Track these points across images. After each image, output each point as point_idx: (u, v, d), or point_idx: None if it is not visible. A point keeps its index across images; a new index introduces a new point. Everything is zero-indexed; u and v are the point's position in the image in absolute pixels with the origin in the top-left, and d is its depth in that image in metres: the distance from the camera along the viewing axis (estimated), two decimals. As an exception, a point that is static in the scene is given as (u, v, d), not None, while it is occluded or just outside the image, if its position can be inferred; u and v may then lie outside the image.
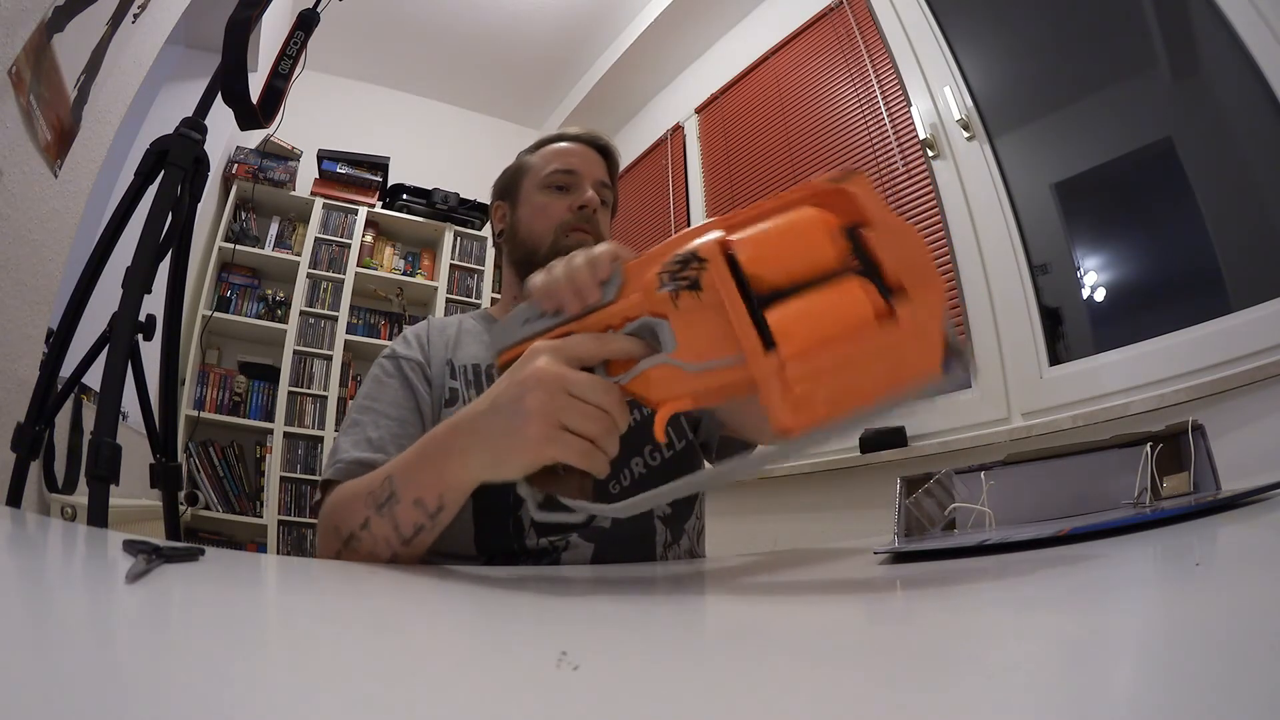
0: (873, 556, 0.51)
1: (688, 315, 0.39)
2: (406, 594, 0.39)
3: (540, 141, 0.90)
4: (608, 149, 0.90)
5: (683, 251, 0.40)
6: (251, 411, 2.79)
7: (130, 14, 1.46)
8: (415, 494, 0.50)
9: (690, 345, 0.39)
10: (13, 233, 1.17)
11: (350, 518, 0.54)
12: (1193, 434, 0.53)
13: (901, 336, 0.36)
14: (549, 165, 0.85)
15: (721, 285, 0.37)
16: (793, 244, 0.38)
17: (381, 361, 0.76)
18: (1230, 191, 1.38)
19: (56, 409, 1.06)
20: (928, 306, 0.37)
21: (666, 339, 0.40)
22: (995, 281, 1.68)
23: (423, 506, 0.50)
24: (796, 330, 0.35)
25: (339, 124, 3.39)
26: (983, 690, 0.16)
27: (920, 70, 1.94)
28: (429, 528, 0.51)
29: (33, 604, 0.26)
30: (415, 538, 0.51)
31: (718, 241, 0.39)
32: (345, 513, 0.55)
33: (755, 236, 0.39)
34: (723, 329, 0.37)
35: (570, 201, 0.82)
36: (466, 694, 0.18)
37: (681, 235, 0.41)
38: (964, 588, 0.35)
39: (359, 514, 0.53)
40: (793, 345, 0.35)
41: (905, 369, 0.37)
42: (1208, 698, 0.14)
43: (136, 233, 1.05)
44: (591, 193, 0.83)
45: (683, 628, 0.29)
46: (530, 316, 0.47)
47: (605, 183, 0.87)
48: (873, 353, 0.36)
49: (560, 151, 0.87)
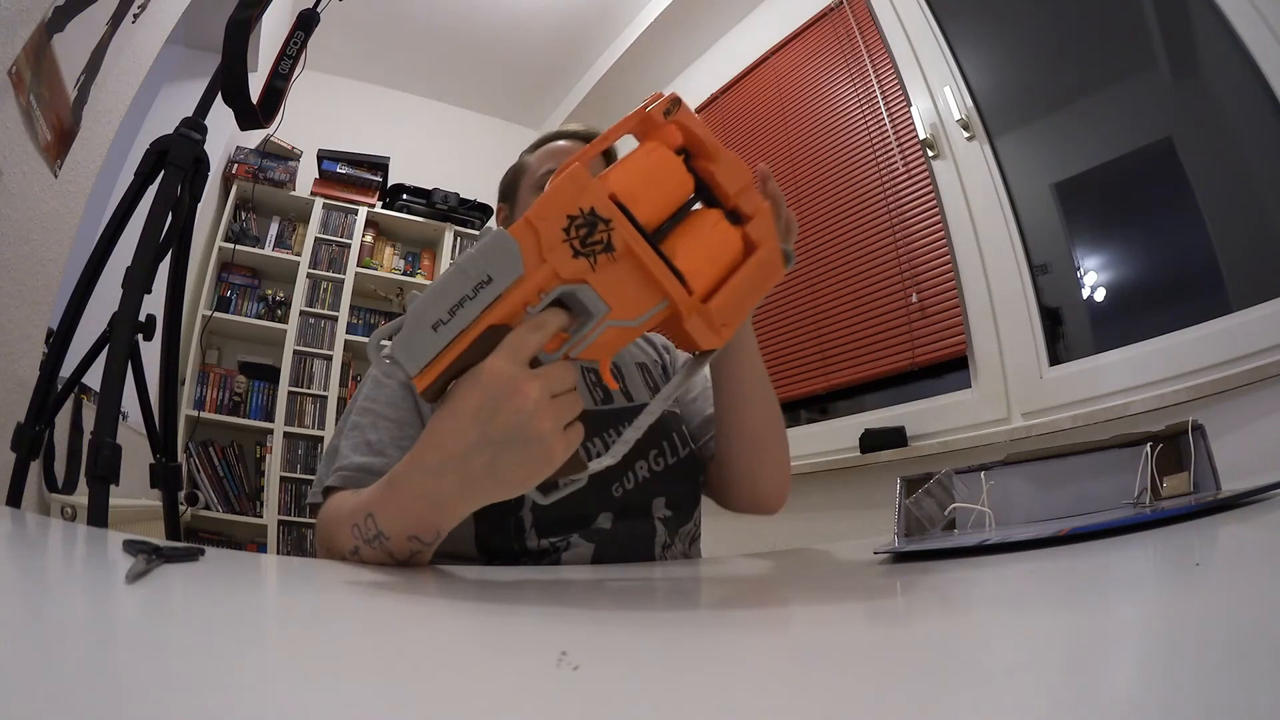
0: (873, 556, 0.51)
1: (607, 275, 0.42)
2: (406, 594, 0.39)
3: (539, 140, 0.90)
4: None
5: (581, 214, 0.41)
6: (251, 411, 2.79)
7: (130, 14, 1.46)
8: (407, 532, 0.49)
9: (623, 304, 0.43)
10: (13, 233, 1.17)
11: (340, 542, 0.53)
12: (1193, 434, 0.53)
13: (759, 255, 0.47)
14: (543, 166, 0.84)
15: (631, 240, 0.42)
16: (661, 185, 0.44)
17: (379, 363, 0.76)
18: (1230, 191, 1.38)
19: (56, 409, 1.06)
20: (766, 226, 0.47)
21: (594, 303, 0.42)
22: (995, 281, 1.68)
23: (418, 539, 0.49)
24: (698, 266, 0.44)
25: (339, 124, 3.39)
26: (983, 690, 0.16)
27: (920, 70, 1.94)
28: (426, 552, 0.51)
29: (33, 604, 0.26)
30: (412, 559, 0.51)
31: (609, 196, 0.42)
32: (335, 535, 0.54)
33: (630, 184, 0.43)
34: (642, 280, 0.42)
35: None
36: (467, 694, 0.18)
37: (553, 191, 0.42)
38: (964, 588, 0.35)
39: (347, 542, 0.52)
40: (700, 279, 0.43)
41: (765, 276, 0.47)
42: (1208, 698, 0.14)
43: (136, 233, 1.05)
44: None
45: (683, 628, 0.29)
46: (440, 316, 0.41)
47: None
48: (746, 273, 0.46)
49: (554, 152, 0.86)
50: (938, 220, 1.82)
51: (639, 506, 0.71)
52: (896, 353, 1.86)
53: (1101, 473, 0.57)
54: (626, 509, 0.70)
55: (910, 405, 1.84)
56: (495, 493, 0.45)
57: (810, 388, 2.09)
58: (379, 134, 3.46)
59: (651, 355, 0.88)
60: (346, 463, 0.64)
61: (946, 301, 1.77)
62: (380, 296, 3.22)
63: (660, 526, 0.71)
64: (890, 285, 1.92)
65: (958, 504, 0.62)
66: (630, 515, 0.70)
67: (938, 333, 1.78)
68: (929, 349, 1.79)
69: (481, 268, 0.41)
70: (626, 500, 0.70)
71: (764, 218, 0.47)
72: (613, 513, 0.69)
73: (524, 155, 0.90)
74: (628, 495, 0.70)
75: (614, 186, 0.42)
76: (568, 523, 0.67)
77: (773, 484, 0.77)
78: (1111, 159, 1.60)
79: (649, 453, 0.73)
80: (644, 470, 0.72)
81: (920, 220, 1.87)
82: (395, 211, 3.24)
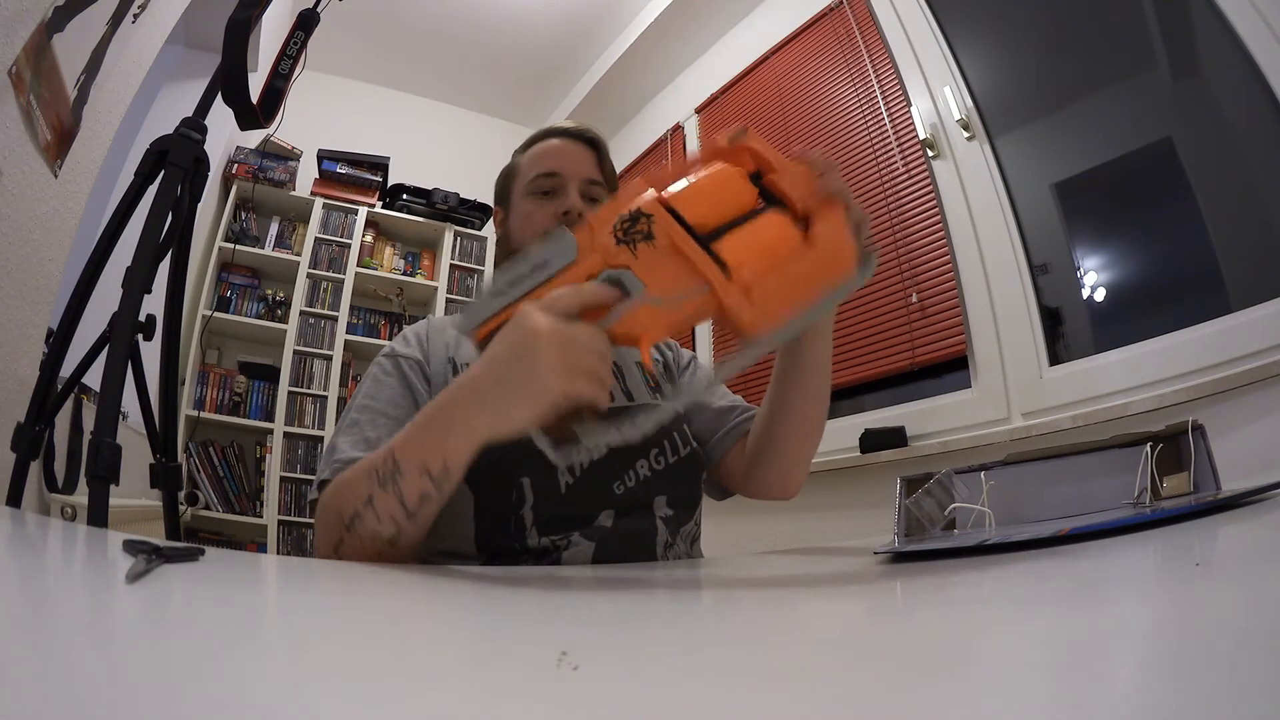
0: (873, 556, 0.51)
1: (647, 261, 0.47)
2: (406, 594, 0.39)
3: (529, 140, 0.88)
4: (595, 141, 0.85)
5: (628, 211, 0.47)
6: (251, 411, 2.79)
7: (130, 14, 1.46)
8: (420, 460, 0.51)
9: (658, 284, 0.47)
10: (13, 233, 1.17)
11: (352, 498, 0.54)
12: (1193, 434, 0.53)
13: (819, 251, 0.48)
14: (532, 169, 0.82)
15: (671, 231, 0.46)
16: (716, 192, 0.48)
17: (380, 360, 0.76)
18: (1230, 191, 1.38)
19: (56, 409, 1.06)
20: (833, 224, 0.49)
21: (633, 284, 0.47)
22: (995, 281, 1.68)
23: (427, 474, 0.50)
24: (744, 257, 0.46)
25: (339, 124, 3.39)
26: (983, 690, 0.16)
27: (920, 70, 1.94)
28: (435, 497, 0.51)
29: (33, 604, 0.26)
30: (421, 509, 0.52)
31: (655, 198, 0.47)
32: (347, 494, 0.55)
33: (685, 190, 0.48)
34: (682, 266, 0.46)
35: (554, 208, 0.79)
36: (466, 694, 0.18)
37: (616, 199, 0.49)
38: (964, 588, 0.35)
39: (361, 492, 0.53)
40: (745, 268, 0.46)
41: (827, 274, 0.48)
42: (1208, 698, 0.14)
43: (136, 233, 1.05)
44: (574, 198, 0.79)
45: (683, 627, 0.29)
46: (500, 289, 0.50)
47: (594, 180, 0.83)
48: (803, 266, 0.48)
49: (542, 153, 0.84)
50: (938, 220, 1.82)
51: (640, 504, 0.71)
52: (896, 353, 1.86)
53: (1101, 473, 0.57)
54: (628, 507, 0.70)
55: (910, 405, 1.84)
56: (489, 415, 0.48)
57: (810, 388, 2.09)
58: (379, 134, 3.46)
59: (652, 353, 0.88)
60: (344, 457, 0.64)
61: (946, 301, 1.77)
62: (380, 296, 3.22)
63: (662, 525, 0.71)
64: (890, 285, 1.92)
65: (958, 504, 0.62)
66: (632, 513, 0.70)
67: (938, 333, 1.78)
68: (929, 349, 1.79)
69: (542, 255, 0.49)
70: (628, 498, 0.70)
71: (832, 217, 0.49)
72: (614, 510, 0.69)
73: (516, 155, 0.88)
74: (629, 493, 0.70)
75: (666, 194, 0.48)
76: (569, 521, 0.67)
77: (801, 470, 0.79)
78: (1111, 159, 1.60)
79: (650, 451, 0.73)
80: (645, 469, 0.72)
81: (920, 220, 1.87)
82: (395, 211, 3.24)
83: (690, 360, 0.93)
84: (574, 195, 0.80)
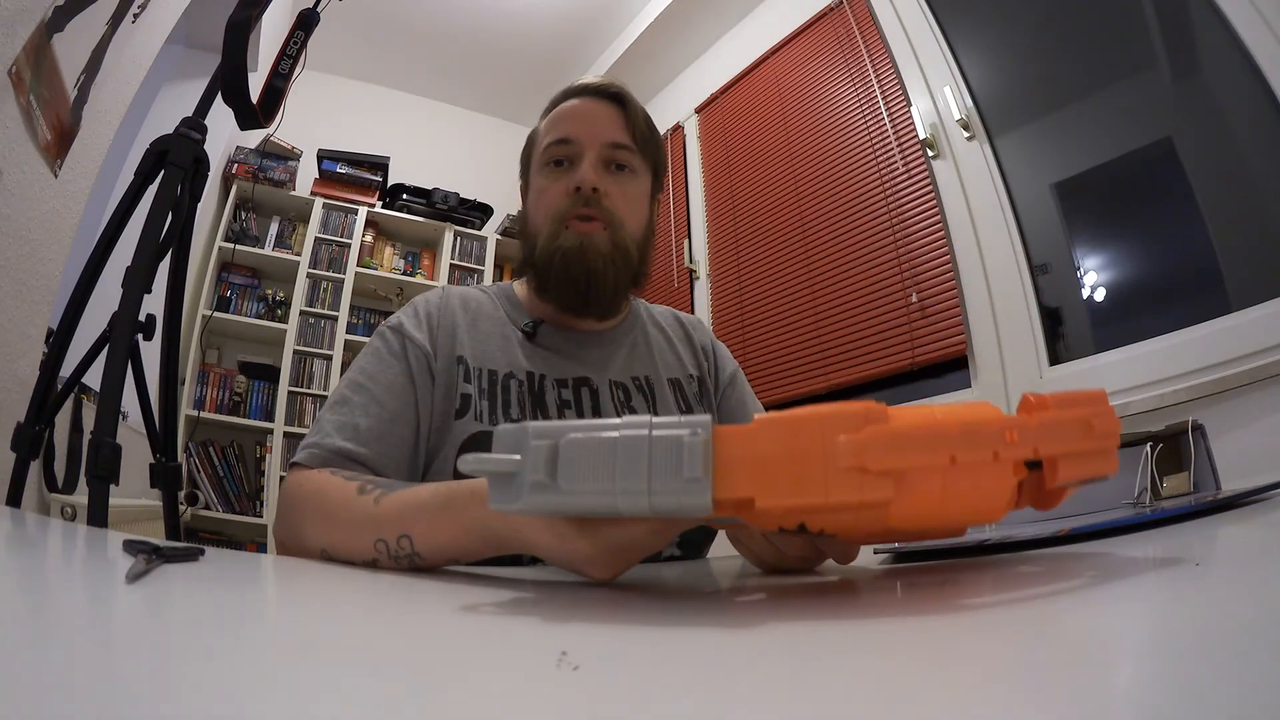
0: (873, 556, 0.51)
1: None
2: (406, 594, 0.39)
3: (551, 101, 0.78)
4: (620, 95, 0.74)
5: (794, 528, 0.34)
6: (251, 411, 2.79)
7: (130, 14, 1.46)
8: (449, 557, 0.48)
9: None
10: (13, 233, 1.17)
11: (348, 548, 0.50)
12: (1193, 434, 0.53)
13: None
14: (548, 135, 0.74)
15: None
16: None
17: (386, 333, 0.69)
18: (1230, 191, 1.38)
19: (56, 409, 1.06)
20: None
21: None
22: (995, 281, 1.68)
23: (447, 555, 0.48)
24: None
25: (339, 124, 3.39)
26: (982, 690, 0.16)
27: (920, 70, 1.94)
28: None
29: (33, 604, 0.26)
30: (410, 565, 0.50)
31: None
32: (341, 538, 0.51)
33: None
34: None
35: (567, 183, 0.70)
36: (466, 694, 0.18)
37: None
38: (964, 588, 0.35)
39: (365, 553, 0.49)
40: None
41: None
42: (1208, 698, 0.14)
43: (136, 233, 1.05)
44: (587, 170, 0.70)
45: (683, 628, 0.29)
46: (593, 489, 0.31)
47: (618, 143, 0.72)
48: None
49: (558, 117, 0.74)
50: (938, 220, 1.82)
51: None
52: (896, 353, 1.86)
53: (1101, 473, 0.57)
54: None
55: (910, 405, 1.84)
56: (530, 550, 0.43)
57: (810, 388, 2.09)
58: (379, 134, 3.46)
59: (687, 370, 0.82)
60: (326, 442, 0.60)
61: (946, 301, 1.77)
62: (380, 296, 3.23)
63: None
64: (890, 285, 1.92)
65: (958, 504, 0.62)
66: None
67: (938, 333, 1.78)
68: (929, 349, 1.79)
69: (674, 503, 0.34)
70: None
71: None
72: None
73: (541, 118, 0.80)
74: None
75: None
76: None
77: None
78: (1112, 159, 1.60)
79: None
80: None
81: (920, 220, 1.87)
82: (395, 211, 3.24)
83: (733, 373, 0.86)
84: (587, 167, 0.71)
